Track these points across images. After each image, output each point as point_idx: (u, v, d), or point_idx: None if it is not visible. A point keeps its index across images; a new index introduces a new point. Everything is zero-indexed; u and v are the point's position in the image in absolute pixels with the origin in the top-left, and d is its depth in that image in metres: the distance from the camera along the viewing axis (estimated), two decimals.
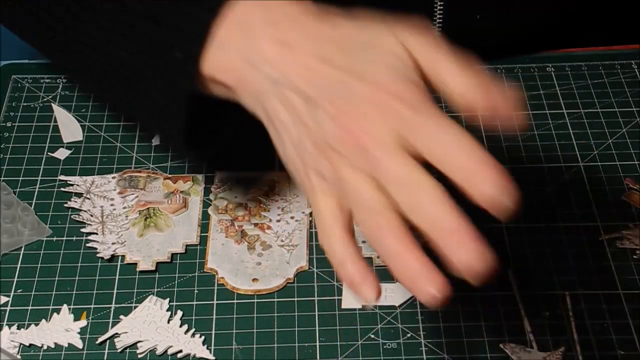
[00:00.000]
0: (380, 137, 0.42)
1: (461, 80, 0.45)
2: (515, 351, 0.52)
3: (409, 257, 0.42)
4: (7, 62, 0.72)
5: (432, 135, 0.42)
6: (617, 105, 0.68)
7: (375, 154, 0.42)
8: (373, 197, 0.43)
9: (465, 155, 0.41)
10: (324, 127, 0.44)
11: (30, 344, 0.53)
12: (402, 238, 0.43)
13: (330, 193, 0.46)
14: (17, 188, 0.62)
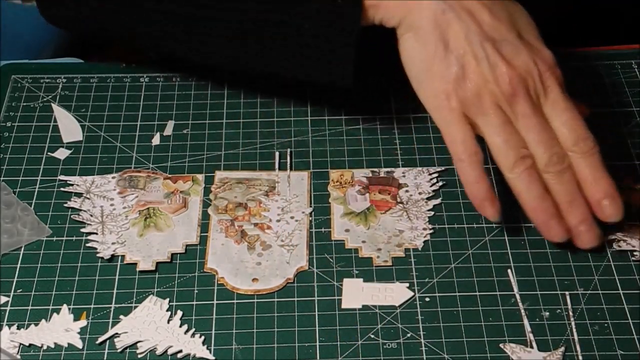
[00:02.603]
0: (530, 95, 0.57)
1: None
2: (515, 351, 0.52)
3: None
4: (7, 62, 0.72)
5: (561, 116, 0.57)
6: (617, 105, 0.68)
7: (524, 103, 0.56)
8: (517, 141, 0.56)
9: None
10: (494, 62, 0.56)
11: (30, 344, 0.53)
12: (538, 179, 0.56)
13: (467, 120, 0.57)
14: (17, 188, 0.62)
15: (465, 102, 0.57)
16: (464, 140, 0.57)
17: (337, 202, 0.61)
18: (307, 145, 0.65)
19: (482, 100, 0.56)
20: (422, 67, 0.58)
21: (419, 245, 0.58)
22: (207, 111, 0.68)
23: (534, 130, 0.56)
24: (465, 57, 0.57)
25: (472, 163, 0.56)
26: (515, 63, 0.57)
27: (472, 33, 0.57)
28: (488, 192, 0.56)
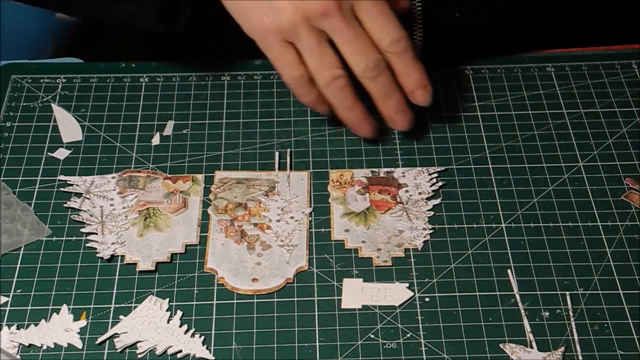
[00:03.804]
0: (343, 8, 0.59)
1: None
2: (515, 351, 0.52)
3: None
4: (7, 62, 0.72)
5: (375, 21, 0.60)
6: (617, 105, 0.68)
7: (337, 18, 0.59)
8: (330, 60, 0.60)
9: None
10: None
11: (30, 344, 0.53)
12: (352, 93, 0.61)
13: (292, 47, 0.60)
14: (17, 188, 0.62)
15: (282, 30, 0.60)
16: (287, 64, 0.61)
17: (337, 202, 0.61)
18: (307, 145, 0.65)
19: (296, 25, 0.59)
20: (241, 10, 0.61)
21: (418, 245, 0.58)
22: (207, 111, 0.68)
23: (348, 41, 0.60)
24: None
25: (300, 84, 0.62)
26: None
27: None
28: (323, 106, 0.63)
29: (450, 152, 0.64)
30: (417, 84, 0.62)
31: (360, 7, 0.60)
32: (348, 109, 0.62)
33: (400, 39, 0.61)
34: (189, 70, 0.71)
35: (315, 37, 0.60)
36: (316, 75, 0.61)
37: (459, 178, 0.62)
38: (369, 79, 0.61)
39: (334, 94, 0.61)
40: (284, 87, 0.69)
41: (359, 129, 0.64)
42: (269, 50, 0.61)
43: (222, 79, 0.70)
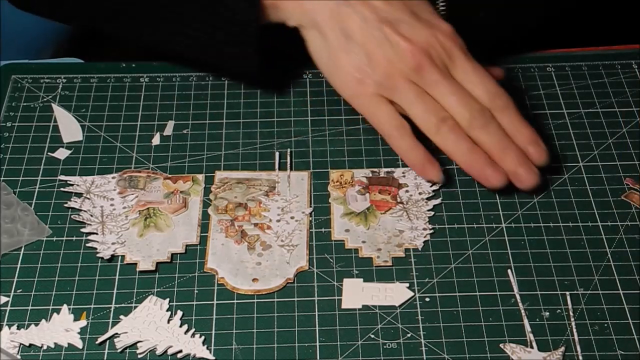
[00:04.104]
0: (437, 64, 0.59)
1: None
2: (515, 351, 0.52)
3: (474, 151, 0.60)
4: (7, 62, 0.72)
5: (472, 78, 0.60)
6: (617, 105, 0.68)
7: (432, 72, 0.59)
8: (435, 106, 0.59)
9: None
10: (395, 42, 0.59)
11: (30, 344, 0.53)
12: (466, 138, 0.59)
13: (386, 100, 0.60)
14: (17, 188, 0.62)
15: (378, 85, 0.60)
16: (388, 116, 0.60)
17: (337, 202, 0.61)
18: (307, 145, 0.65)
19: (393, 79, 0.60)
20: (331, 61, 0.62)
21: (419, 245, 0.58)
22: (207, 111, 0.68)
23: (449, 93, 0.59)
24: (367, 44, 0.60)
25: (401, 134, 0.60)
26: (415, 39, 0.60)
27: (368, 20, 0.60)
28: (425, 156, 0.60)
29: None
30: (529, 140, 0.59)
31: (455, 63, 0.60)
32: (468, 151, 0.59)
33: (501, 94, 0.60)
34: (189, 70, 0.71)
35: (414, 88, 0.59)
36: (423, 125, 0.59)
37: (459, 178, 0.62)
38: (479, 129, 0.59)
39: (447, 137, 0.59)
40: (284, 87, 0.69)
41: (486, 177, 0.59)
42: (364, 106, 0.61)
43: (222, 79, 0.70)
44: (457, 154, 0.59)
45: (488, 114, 0.59)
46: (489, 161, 0.59)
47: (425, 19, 0.61)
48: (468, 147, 0.59)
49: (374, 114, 0.61)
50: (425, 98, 0.59)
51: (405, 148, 0.60)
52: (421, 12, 0.62)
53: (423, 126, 0.60)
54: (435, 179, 0.60)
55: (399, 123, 0.60)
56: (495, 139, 0.59)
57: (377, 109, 0.60)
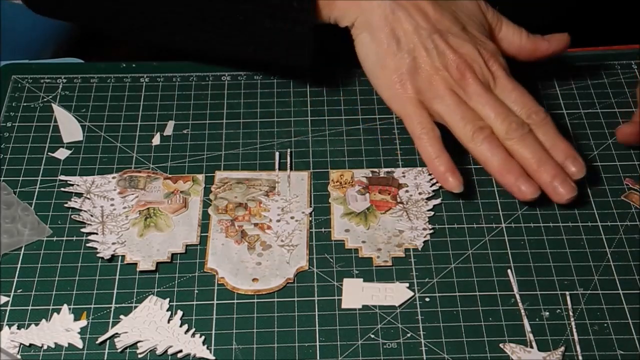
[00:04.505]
0: (479, 78, 0.61)
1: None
2: (515, 351, 0.52)
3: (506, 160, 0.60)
4: (7, 62, 0.72)
5: (511, 96, 0.62)
6: (617, 106, 0.68)
7: (475, 84, 0.61)
8: (474, 115, 0.60)
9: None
10: (442, 51, 0.61)
11: (30, 344, 0.53)
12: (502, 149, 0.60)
13: (423, 105, 0.61)
14: (17, 188, 0.62)
15: (419, 90, 0.62)
16: (421, 120, 0.61)
17: (337, 202, 0.61)
18: (307, 145, 0.65)
19: (435, 86, 0.61)
20: (377, 62, 0.63)
21: (419, 245, 0.58)
22: (207, 111, 0.68)
23: (489, 104, 0.60)
24: (416, 50, 0.62)
25: (431, 139, 0.60)
26: (462, 51, 0.62)
27: (420, 28, 0.62)
28: (449, 164, 0.60)
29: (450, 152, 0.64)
30: (566, 154, 0.60)
31: (496, 80, 0.62)
32: (503, 161, 0.59)
33: (538, 110, 0.61)
34: (189, 70, 0.71)
35: (455, 97, 0.61)
36: (460, 131, 0.60)
37: None
38: (516, 140, 0.59)
39: (482, 145, 0.59)
40: (284, 87, 0.69)
41: (519, 188, 0.59)
42: (400, 108, 0.62)
43: (222, 79, 0.70)
44: (491, 163, 0.60)
45: (526, 127, 0.60)
46: (523, 172, 0.59)
47: (473, 35, 0.63)
48: (503, 157, 0.59)
49: (408, 116, 0.62)
50: (465, 107, 0.61)
51: (431, 153, 0.60)
52: (470, 28, 0.64)
53: (459, 133, 0.60)
54: (455, 190, 0.60)
55: (430, 127, 0.61)
56: (532, 151, 0.59)
57: (412, 112, 0.61)
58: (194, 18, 0.65)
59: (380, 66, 0.63)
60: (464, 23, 0.64)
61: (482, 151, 0.60)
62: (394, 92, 0.62)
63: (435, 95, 0.61)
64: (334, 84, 0.69)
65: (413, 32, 0.62)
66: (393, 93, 0.62)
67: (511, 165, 0.59)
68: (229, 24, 0.64)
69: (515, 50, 0.66)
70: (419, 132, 0.61)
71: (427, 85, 0.61)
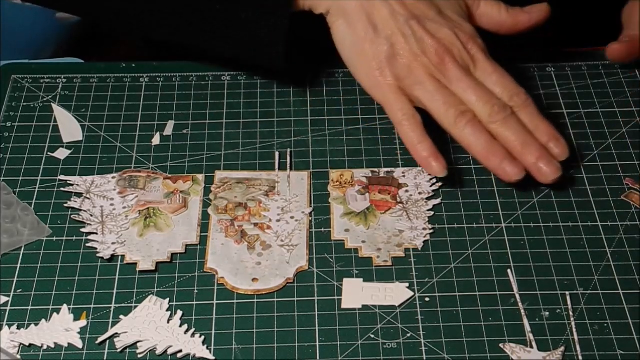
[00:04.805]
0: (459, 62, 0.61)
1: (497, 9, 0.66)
2: (515, 351, 0.52)
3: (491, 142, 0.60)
4: (7, 62, 0.72)
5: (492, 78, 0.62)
6: (617, 105, 0.68)
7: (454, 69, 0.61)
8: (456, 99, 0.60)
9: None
10: (420, 37, 0.61)
11: (30, 344, 0.53)
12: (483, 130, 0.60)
13: (403, 92, 0.61)
14: (17, 188, 0.62)
15: (399, 77, 0.61)
16: (402, 106, 0.61)
17: (337, 202, 0.61)
18: (307, 145, 0.65)
19: (415, 72, 0.61)
20: (355, 50, 0.63)
21: (419, 245, 0.58)
22: (207, 111, 0.68)
23: (470, 88, 0.60)
24: (394, 36, 0.62)
25: (412, 124, 0.60)
26: (440, 36, 0.62)
27: (397, 14, 0.62)
28: (431, 149, 0.60)
29: (451, 152, 0.64)
30: (549, 136, 0.61)
31: (475, 63, 0.62)
32: (486, 144, 0.60)
33: (520, 92, 0.61)
34: (189, 70, 0.71)
35: (435, 82, 0.61)
36: (442, 117, 0.60)
37: (458, 178, 0.62)
38: (500, 123, 0.60)
39: (465, 130, 0.60)
40: (284, 87, 0.69)
41: (504, 170, 0.59)
42: (381, 95, 0.62)
43: (222, 79, 0.70)
44: (475, 146, 0.60)
45: (508, 109, 0.60)
46: (507, 154, 0.59)
47: (450, 18, 0.63)
48: (487, 139, 0.60)
49: (389, 103, 0.62)
50: (446, 92, 0.61)
51: (414, 138, 0.60)
52: (446, 11, 0.64)
53: (442, 118, 0.61)
54: (439, 174, 0.60)
55: (412, 113, 0.61)
56: (516, 133, 0.60)
57: (393, 99, 0.61)
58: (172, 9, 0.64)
59: (358, 54, 0.63)
60: (439, 6, 0.64)
61: (466, 135, 0.60)
62: (374, 80, 0.62)
63: (415, 82, 0.61)
64: (334, 84, 0.69)
65: (390, 18, 0.62)
66: (373, 81, 0.62)
67: (495, 147, 0.60)
68: (205, 15, 0.64)
69: (496, 26, 0.66)
70: (400, 118, 0.61)
71: (406, 71, 0.61)
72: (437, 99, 0.60)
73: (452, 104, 0.60)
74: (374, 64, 0.62)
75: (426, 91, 0.61)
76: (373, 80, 0.62)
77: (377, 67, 0.62)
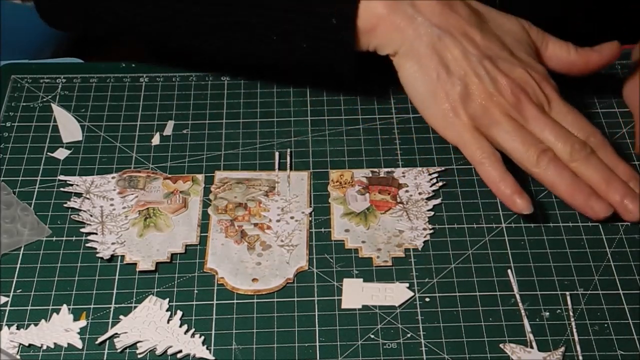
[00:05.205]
0: (533, 99, 0.61)
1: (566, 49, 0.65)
2: (515, 351, 0.52)
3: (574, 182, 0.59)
4: (7, 62, 0.72)
5: (567, 118, 0.61)
6: (617, 106, 0.68)
7: (531, 107, 0.60)
8: (535, 139, 0.60)
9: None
10: (494, 76, 0.60)
11: (29, 344, 0.53)
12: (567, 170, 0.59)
13: (479, 131, 0.60)
14: (17, 188, 0.62)
15: (474, 117, 0.60)
16: (480, 145, 0.60)
17: (337, 202, 0.61)
18: (307, 145, 0.65)
19: (491, 113, 0.60)
20: (427, 92, 0.62)
21: (419, 246, 0.58)
22: (207, 111, 0.68)
23: (548, 127, 0.60)
24: (467, 77, 0.60)
25: (493, 163, 0.59)
26: (514, 75, 0.61)
27: (469, 54, 0.61)
28: (515, 187, 0.59)
29: (450, 152, 0.64)
30: (628, 176, 0.60)
31: (550, 103, 0.61)
32: (571, 182, 0.58)
33: (595, 132, 0.61)
34: (189, 70, 0.71)
35: (512, 122, 0.60)
36: (523, 157, 0.59)
37: (459, 178, 0.62)
38: (581, 162, 0.59)
39: (548, 169, 0.59)
40: (284, 87, 0.69)
41: (591, 207, 0.58)
42: (456, 136, 0.61)
43: (222, 79, 0.70)
44: (559, 185, 0.59)
45: (589, 148, 0.59)
46: (592, 192, 0.58)
47: (521, 58, 0.62)
48: (571, 177, 0.59)
49: (465, 143, 0.61)
50: (524, 131, 0.60)
51: (496, 177, 0.59)
52: (518, 52, 0.63)
53: (522, 158, 0.59)
54: (524, 212, 0.58)
55: (491, 151, 0.60)
56: (599, 171, 0.59)
57: (469, 138, 0.60)
58: (233, 35, 0.64)
59: (430, 95, 0.61)
60: (511, 47, 0.63)
61: (549, 174, 0.59)
62: (448, 121, 0.61)
63: (491, 122, 0.60)
64: (334, 84, 0.69)
65: (462, 58, 0.61)
66: (447, 122, 0.61)
67: (580, 185, 0.59)
68: (265, 42, 0.63)
69: (566, 67, 0.65)
70: (480, 157, 0.60)
71: (482, 111, 0.60)
72: (515, 138, 0.59)
73: (532, 143, 0.59)
74: (447, 105, 0.61)
75: (503, 131, 0.60)
76: (447, 121, 0.61)
77: (451, 108, 0.61)
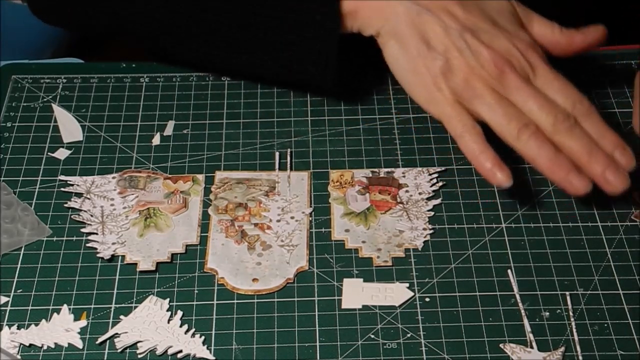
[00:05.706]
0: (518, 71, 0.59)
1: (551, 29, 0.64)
2: (515, 351, 0.52)
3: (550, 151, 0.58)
4: (7, 62, 0.72)
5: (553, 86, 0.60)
6: (617, 106, 0.68)
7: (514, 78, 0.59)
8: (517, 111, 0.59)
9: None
10: (476, 49, 0.59)
11: (30, 344, 0.53)
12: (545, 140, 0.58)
13: (462, 105, 0.59)
14: (17, 188, 0.62)
15: (456, 91, 0.60)
16: (461, 118, 0.59)
17: (337, 202, 0.61)
18: (307, 145, 0.65)
19: (473, 86, 0.59)
20: (409, 69, 0.61)
21: (419, 246, 0.58)
22: (207, 111, 0.68)
23: (531, 97, 0.59)
24: (448, 51, 0.60)
25: (473, 136, 0.59)
26: (496, 46, 0.60)
27: (450, 28, 0.60)
28: (495, 159, 0.58)
29: (451, 152, 0.64)
30: (614, 145, 0.58)
31: (535, 71, 0.60)
32: (552, 157, 0.57)
33: (582, 99, 0.59)
34: (190, 70, 0.71)
35: (494, 94, 0.59)
36: (504, 130, 0.58)
37: (459, 178, 0.62)
38: (564, 133, 0.58)
39: (529, 143, 0.57)
40: (284, 87, 0.69)
41: (570, 182, 0.57)
42: (438, 111, 0.60)
43: (222, 79, 0.70)
44: (540, 160, 0.58)
45: (572, 118, 0.58)
46: (573, 167, 0.57)
47: (505, 28, 0.61)
48: (551, 152, 0.58)
49: (447, 116, 0.60)
50: (506, 104, 0.59)
51: (476, 150, 0.58)
52: (500, 21, 0.62)
53: (503, 132, 0.58)
54: (503, 184, 0.57)
55: (471, 125, 0.59)
56: (581, 143, 0.58)
57: (451, 112, 0.60)
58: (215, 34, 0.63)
59: (413, 72, 0.61)
60: (493, 17, 0.62)
61: (530, 148, 0.58)
62: (431, 96, 0.60)
63: (473, 95, 0.59)
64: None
65: (443, 33, 0.60)
66: (429, 97, 0.61)
67: (561, 160, 0.58)
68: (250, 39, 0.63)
69: (549, 46, 0.64)
70: (460, 130, 0.59)
71: (463, 85, 0.59)
72: (498, 111, 0.58)
73: (514, 116, 0.58)
74: (429, 80, 0.60)
75: (485, 104, 0.59)
76: (430, 96, 0.61)
77: (433, 82, 0.60)
